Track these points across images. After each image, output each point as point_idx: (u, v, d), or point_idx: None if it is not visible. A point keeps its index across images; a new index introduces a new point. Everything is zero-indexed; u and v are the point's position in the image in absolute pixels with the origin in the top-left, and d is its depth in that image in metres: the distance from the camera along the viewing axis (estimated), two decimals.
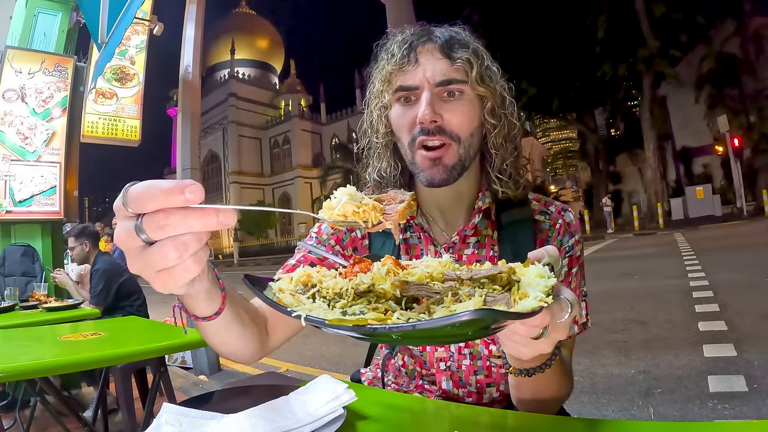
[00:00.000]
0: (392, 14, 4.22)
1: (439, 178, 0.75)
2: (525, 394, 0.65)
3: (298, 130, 46.14)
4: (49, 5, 3.88)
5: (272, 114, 49.30)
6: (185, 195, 0.36)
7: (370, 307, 0.46)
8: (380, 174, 0.84)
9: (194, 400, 0.63)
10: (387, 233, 0.86)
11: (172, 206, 0.37)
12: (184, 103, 3.78)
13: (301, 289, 0.52)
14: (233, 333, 0.66)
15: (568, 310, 0.47)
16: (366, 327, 0.39)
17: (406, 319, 0.42)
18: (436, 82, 0.74)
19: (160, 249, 0.38)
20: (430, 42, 0.77)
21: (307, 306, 0.47)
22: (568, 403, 0.77)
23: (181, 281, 0.40)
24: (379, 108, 0.81)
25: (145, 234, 0.37)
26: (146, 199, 0.36)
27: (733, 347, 2.82)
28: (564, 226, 0.81)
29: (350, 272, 0.53)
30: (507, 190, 0.79)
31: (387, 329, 0.39)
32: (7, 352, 1.49)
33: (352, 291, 0.49)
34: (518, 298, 0.42)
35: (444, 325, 0.38)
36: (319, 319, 0.43)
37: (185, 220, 0.37)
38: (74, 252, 3.11)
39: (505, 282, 0.46)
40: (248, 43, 54.35)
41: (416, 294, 0.47)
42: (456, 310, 0.41)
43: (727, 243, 8.55)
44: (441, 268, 0.51)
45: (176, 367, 3.62)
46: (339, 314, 0.44)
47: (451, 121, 0.74)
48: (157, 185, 0.36)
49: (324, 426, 0.55)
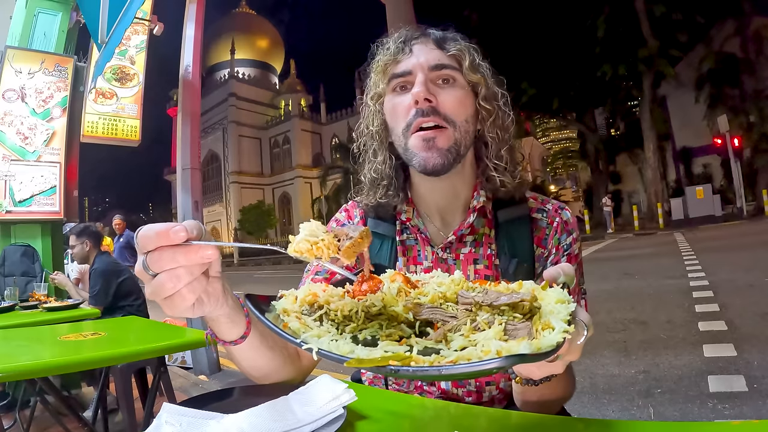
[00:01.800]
0: (392, 14, 4.23)
1: (433, 163, 0.74)
2: (530, 398, 0.65)
3: (298, 130, 46.14)
4: (49, 5, 3.88)
5: (272, 114, 49.29)
6: (170, 235, 0.44)
7: (382, 333, 0.45)
8: (376, 171, 0.84)
9: (194, 400, 0.63)
10: (382, 235, 0.86)
11: (164, 245, 0.45)
12: (184, 103, 3.78)
13: (306, 309, 0.50)
14: (262, 357, 0.68)
15: (584, 333, 0.46)
16: (387, 368, 0.37)
17: (422, 347, 0.41)
18: (429, 66, 0.76)
19: (159, 280, 0.46)
20: (423, 37, 0.80)
21: (315, 331, 0.45)
22: (569, 403, 0.77)
23: (180, 307, 0.48)
24: (374, 99, 0.82)
25: (149, 268, 0.45)
26: (145, 241, 0.45)
27: (733, 347, 2.82)
28: (561, 224, 0.81)
29: (358, 291, 0.51)
30: (504, 179, 0.79)
31: (411, 372, 0.37)
32: (7, 352, 1.49)
33: (363, 314, 0.47)
34: (540, 329, 0.41)
35: (472, 371, 0.36)
36: (336, 356, 0.40)
37: (174, 257, 0.45)
38: (75, 250, 3.10)
39: (526, 310, 0.44)
40: (248, 43, 54.33)
41: (430, 317, 0.45)
42: (476, 340, 0.40)
43: (727, 243, 8.54)
44: (454, 287, 0.49)
45: (176, 367, 3.61)
46: (349, 340, 0.43)
47: (446, 103, 0.75)
48: (152, 228, 0.45)
49: (324, 426, 0.55)
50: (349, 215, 0.93)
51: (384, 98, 0.82)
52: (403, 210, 0.84)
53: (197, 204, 3.63)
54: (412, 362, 0.38)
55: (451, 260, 0.81)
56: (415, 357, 0.38)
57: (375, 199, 0.84)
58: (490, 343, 0.38)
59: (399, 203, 0.84)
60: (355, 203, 0.92)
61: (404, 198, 0.84)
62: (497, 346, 0.38)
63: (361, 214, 0.91)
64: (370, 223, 0.88)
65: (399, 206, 0.85)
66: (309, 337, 0.44)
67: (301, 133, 46.50)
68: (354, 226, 0.52)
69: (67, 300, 2.92)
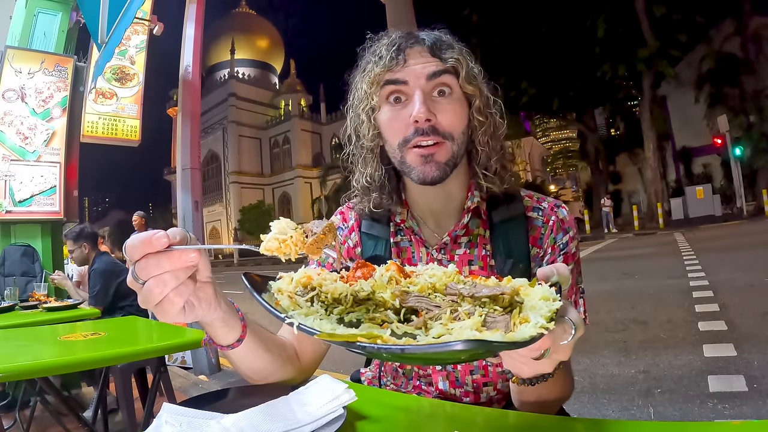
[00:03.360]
0: (392, 14, 4.23)
1: (432, 176, 0.74)
2: (527, 398, 0.65)
3: (298, 130, 46.16)
4: (49, 5, 3.88)
5: (272, 114, 49.30)
6: (152, 242, 0.46)
7: (367, 316, 0.46)
8: (368, 179, 0.82)
9: (194, 400, 0.63)
10: (376, 237, 0.86)
11: (148, 252, 0.46)
12: (184, 103, 3.78)
13: (300, 291, 0.52)
14: (260, 359, 0.68)
15: (572, 332, 0.46)
16: (356, 343, 0.39)
17: (401, 332, 0.42)
18: (427, 75, 0.74)
19: (147, 287, 0.47)
20: (417, 44, 0.76)
21: (304, 310, 0.47)
22: (568, 403, 0.77)
23: (170, 312, 0.49)
24: (366, 111, 0.79)
25: (138, 277, 0.47)
26: (132, 250, 0.46)
27: (733, 347, 2.82)
28: (557, 223, 0.80)
29: (352, 277, 0.52)
30: (492, 186, 0.79)
31: (376, 349, 0.38)
32: (6, 352, 1.49)
33: (351, 298, 0.48)
34: (518, 322, 0.41)
35: (435, 352, 0.37)
36: (310, 329, 0.42)
37: (158, 262, 0.47)
38: (74, 255, 3.11)
39: (507, 303, 0.44)
40: (248, 43, 54.35)
41: (416, 306, 0.46)
42: (452, 329, 0.40)
43: (727, 243, 8.54)
44: (446, 279, 0.50)
45: (176, 367, 3.62)
46: (335, 321, 0.44)
47: (443, 120, 0.74)
48: (137, 238, 0.46)
49: (324, 426, 0.55)
50: (344, 217, 0.92)
51: (378, 111, 0.79)
52: (398, 212, 0.84)
53: (197, 204, 3.63)
54: (379, 341, 0.38)
55: (446, 261, 0.81)
56: (385, 337, 0.39)
57: (369, 206, 0.83)
58: (465, 332, 0.39)
59: (393, 206, 0.84)
60: (350, 206, 0.92)
61: (398, 201, 0.84)
62: (470, 335, 0.38)
63: (355, 216, 0.90)
64: (364, 225, 0.88)
65: (393, 208, 0.84)
66: (296, 315, 0.45)
67: (301, 133, 46.51)
68: (318, 222, 0.53)
69: (67, 300, 2.92)
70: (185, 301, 0.51)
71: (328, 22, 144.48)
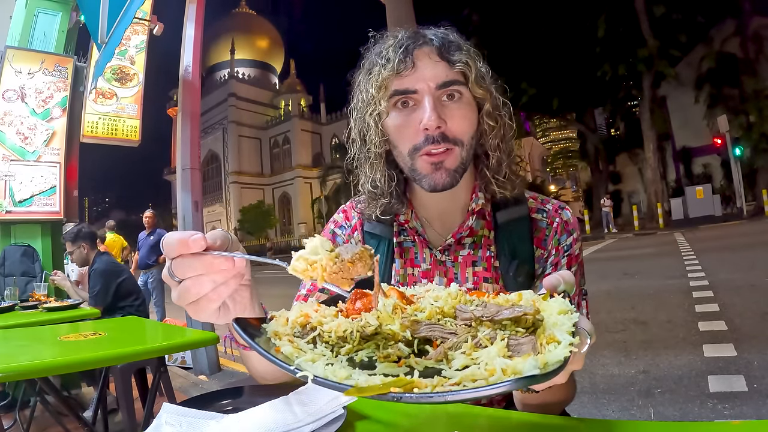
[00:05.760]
0: (392, 14, 4.23)
1: (443, 183, 0.73)
2: (531, 402, 0.64)
3: (298, 130, 46.16)
4: (49, 5, 3.88)
5: (272, 114, 49.31)
6: (189, 244, 0.45)
7: (379, 354, 0.42)
8: (374, 184, 0.81)
9: (194, 400, 0.63)
10: (379, 236, 0.85)
11: (184, 253, 0.45)
12: (184, 103, 3.78)
13: (299, 331, 0.48)
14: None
15: (587, 341, 0.45)
16: (389, 395, 0.35)
17: (422, 368, 0.39)
18: (437, 85, 0.72)
19: (184, 285, 0.46)
20: (426, 45, 0.74)
21: (308, 355, 0.42)
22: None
23: (206, 311, 0.49)
24: (374, 116, 0.77)
25: (174, 275, 0.46)
26: (169, 248, 0.46)
27: (733, 347, 2.82)
28: (561, 225, 0.80)
29: (352, 309, 0.49)
30: (504, 191, 0.79)
31: (415, 399, 0.34)
32: (6, 352, 1.49)
33: (358, 335, 0.45)
34: (545, 342, 0.39)
35: (478, 396, 0.33)
36: (331, 383, 0.37)
37: (192, 265, 0.46)
38: (74, 256, 3.10)
39: (529, 324, 0.42)
40: (248, 43, 54.36)
41: (428, 335, 0.43)
42: (478, 358, 0.38)
43: (727, 243, 8.54)
44: (452, 300, 0.47)
45: (176, 367, 3.61)
46: (345, 364, 0.41)
47: (453, 126, 0.73)
48: (174, 236, 0.46)
49: (324, 426, 0.55)
50: (347, 216, 0.91)
51: (386, 117, 0.77)
52: (402, 212, 0.83)
53: (197, 204, 3.63)
54: (414, 388, 0.35)
55: (450, 262, 0.81)
56: (416, 381, 0.35)
57: (375, 212, 0.82)
58: (494, 361, 0.36)
59: (398, 209, 0.83)
60: (353, 204, 0.91)
61: (404, 204, 0.83)
62: (502, 364, 0.35)
63: (358, 215, 0.90)
64: (367, 225, 0.87)
65: (398, 209, 0.83)
66: (303, 362, 0.41)
67: (301, 133, 46.51)
68: (350, 246, 0.47)
69: (67, 300, 2.92)
70: (222, 302, 0.50)
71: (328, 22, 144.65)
